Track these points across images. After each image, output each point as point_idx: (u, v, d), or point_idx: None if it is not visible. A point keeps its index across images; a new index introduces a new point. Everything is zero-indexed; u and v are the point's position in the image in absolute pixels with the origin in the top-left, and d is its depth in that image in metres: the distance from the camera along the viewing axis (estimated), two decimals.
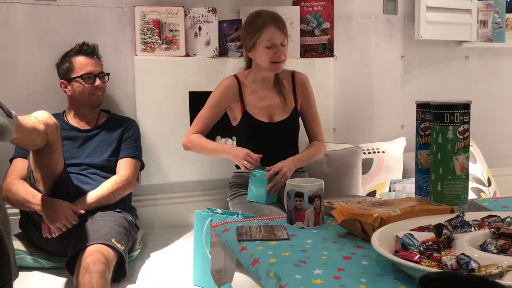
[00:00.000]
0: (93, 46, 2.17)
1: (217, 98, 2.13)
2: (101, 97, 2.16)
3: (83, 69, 2.09)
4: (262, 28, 2.01)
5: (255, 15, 2.08)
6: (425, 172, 1.26)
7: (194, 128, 2.13)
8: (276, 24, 2.02)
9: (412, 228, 1.02)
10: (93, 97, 2.11)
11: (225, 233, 1.17)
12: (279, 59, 2.04)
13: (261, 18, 2.04)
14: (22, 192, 1.81)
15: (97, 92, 2.12)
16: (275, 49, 2.02)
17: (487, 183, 2.68)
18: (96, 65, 2.14)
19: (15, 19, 2.18)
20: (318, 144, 2.20)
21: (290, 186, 1.20)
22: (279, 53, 2.03)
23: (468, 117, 1.17)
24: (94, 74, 2.11)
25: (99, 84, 2.12)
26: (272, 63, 2.05)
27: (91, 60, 2.13)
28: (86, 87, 2.09)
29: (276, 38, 2.01)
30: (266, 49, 2.02)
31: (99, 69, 2.15)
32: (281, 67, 2.08)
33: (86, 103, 2.12)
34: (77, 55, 2.12)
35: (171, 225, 2.40)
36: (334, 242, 1.07)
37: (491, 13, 3.02)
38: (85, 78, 2.09)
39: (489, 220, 1.06)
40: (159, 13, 2.29)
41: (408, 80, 2.88)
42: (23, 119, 1.56)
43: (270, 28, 2.01)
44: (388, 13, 2.80)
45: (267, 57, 2.04)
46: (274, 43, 2.02)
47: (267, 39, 2.01)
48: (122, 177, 2.03)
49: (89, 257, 1.65)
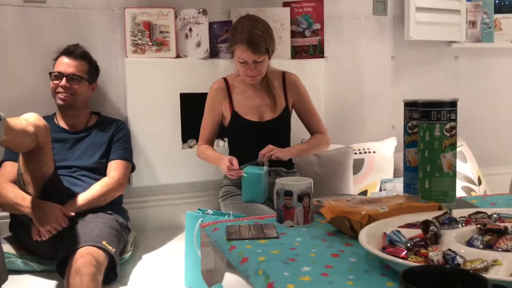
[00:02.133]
0: (75, 47, 2.13)
1: (210, 103, 2.16)
2: (68, 99, 2.07)
3: (57, 67, 2.09)
4: (235, 44, 2.01)
5: (235, 26, 2.06)
6: (413, 170, 1.27)
7: (202, 138, 2.19)
8: (249, 46, 1.97)
9: (400, 225, 1.02)
10: (57, 96, 2.08)
11: (215, 232, 1.17)
12: (249, 75, 2.05)
13: (238, 33, 2.00)
14: (12, 195, 1.80)
15: (62, 93, 2.06)
16: (247, 65, 2.03)
17: (477, 182, 2.69)
18: (70, 66, 2.08)
19: (4, 21, 2.17)
20: (319, 136, 2.21)
21: (280, 185, 1.20)
22: (250, 71, 2.04)
23: (455, 114, 1.18)
24: (63, 74, 2.07)
25: (63, 84, 2.06)
26: (245, 76, 2.07)
27: (68, 61, 2.09)
28: (53, 85, 2.08)
29: (246, 57, 2.00)
30: (239, 63, 2.05)
31: (72, 70, 2.08)
32: (254, 80, 2.09)
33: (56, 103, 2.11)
34: (62, 55, 2.11)
35: (162, 227, 2.40)
36: (323, 239, 1.08)
37: (479, 13, 3.04)
38: (54, 77, 2.08)
39: (476, 216, 1.07)
40: (150, 15, 2.29)
41: (399, 80, 2.89)
42: (13, 121, 1.55)
43: (242, 46, 1.99)
44: (378, 14, 2.81)
45: (240, 70, 2.08)
46: (245, 60, 2.02)
47: (238, 56, 2.02)
48: (113, 179, 2.03)
49: (79, 259, 1.64)
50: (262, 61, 2.03)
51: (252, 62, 2.01)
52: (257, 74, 2.06)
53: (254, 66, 2.02)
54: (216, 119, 2.17)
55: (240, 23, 2.04)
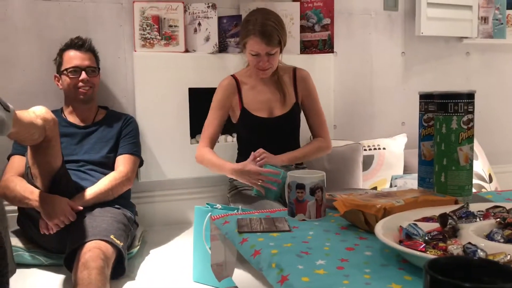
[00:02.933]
0: (84, 39, 2.13)
1: (219, 100, 2.11)
2: (89, 92, 2.09)
3: (70, 62, 2.07)
4: (248, 36, 1.99)
5: (247, 18, 2.04)
6: (428, 163, 1.25)
7: (205, 136, 2.09)
8: (262, 37, 1.95)
9: (416, 219, 1.00)
10: (78, 92, 2.07)
11: (225, 225, 1.15)
12: (262, 67, 2.03)
13: (251, 25, 1.98)
14: (20, 188, 1.79)
15: (84, 87, 2.07)
16: (259, 58, 2.01)
17: (488, 180, 2.66)
18: (84, 58, 2.09)
19: (14, 14, 2.17)
20: (318, 141, 2.15)
21: (292, 178, 1.18)
22: (262, 63, 2.01)
23: (472, 107, 1.15)
24: (80, 67, 2.07)
25: (84, 78, 2.07)
26: (257, 70, 2.04)
27: (79, 54, 2.09)
28: (71, 80, 2.06)
29: (259, 49, 1.98)
30: (251, 55, 2.02)
31: (88, 63, 2.10)
32: (266, 74, 2.06)
33: (74, 98, 2.09)
34: (68, 49, 2.10)
35: (170, 222, 2.38)
36: (336, 233, 1.05)
37: (491, 9, 3.00)
38: (71, 72, 2.06)
39: (494, 210, 1.04)
40: (159, 9, 2.28)
41: (409, 76, 2.86)
42: (21, 114, 1.54)
43: (255, 38, 1.97)
44: (388, 9, 2.78)
45: (252, 63, 2.04)
46: (258, 52, 2.00)
47: (250, 48, 2.00)
48: (121, 174, 2.02)
49: (87, 253, 1.63)
50: (274, 54, 2.02)
51: (264, 54, 1.99)
52: (269, 67, 2.04)
53: (267, 59, 2.00)
54: (223, 117, 2.12)
55: (253, 15, 2.02)
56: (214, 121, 2.10)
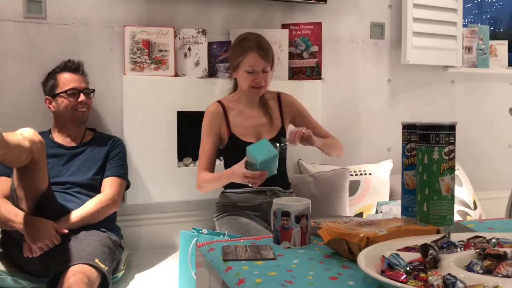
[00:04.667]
0: (78, 62, 2.17)
1: (208, 126, 2.12)
2: (86, 114, 2.14)
3: (68, 84, 2.09)
4: (245, 52, 2.03)
5: (242, 37, 2.11)
6: (411, 192, 1.27)
7: (202, 165, 2.11)
8: (259, 51, 2.03)
9: (399, 248, 1.01)
10: (77, 114, 2.10)
11: (211, 252, 1.15)
12: (258, 85, 2.06)
13: (246, 42, 2.06)
14: (5, 210, 1.78)
15: (81, 108, 2.11)
16: (255, 75, 2.04)
17: (473, 207, 2.69)
18: (80, 81, 2.14)
19: (5, 36, 2.18)
20: (335, 138, 2.22)
21: (277, 205, 1.19)
22: (258, 79, 2.05)
23: (453, 138, 1.18)
24: (78, 89, 2.10)
25: (83, 100, 2.10)
26: (251, 88, 2.07)
27: (76, 76, 2.13)
28: (70, 102, 2.08)
29: (257, 65, 2.03)
30: (246, 73, 2.05)
31: (84, 85, 2.15)
32: (260, 92, 2.11)
33: (70, 119, 2.11)
34: (62, 72, 2.12)
35: (156, 245, 2.37)
36: (320, 262, 1.06)
37: (475, 39, 3.09)
38: (70, 94, 2.08)
39: (475, 241, 1.06)
40: (149, 33, 2.31)
41: (395, 103, 2.91)
42: (8, 136, 1.54)
43: (252, 54, 2.03)
44: (375, 37, 2.85)
45: (247, 81, 2.06)
46: (254, 69, 2.04)
47: (248, 64, 2.03)
48: (107, 196, 2.01)
49: (71, 277, 1.62)
50: (267, 72, 2.07)
51: (261, 70, 2.04)
52: (263, 85, 2.07)
53: (262, 76, 2.04)
54: (216, 142, 2.13)
55: (245, 36, 2.10)
56: (207, 149, 2.11)
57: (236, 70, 2.09)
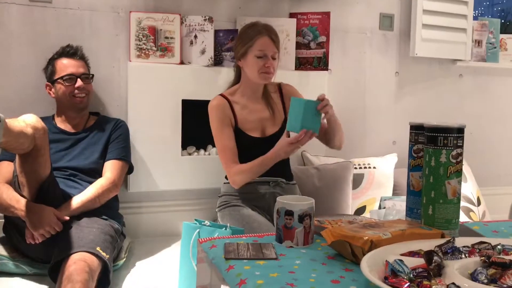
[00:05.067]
0: (76, 47, 2.14)
1: (219, 119, 2.06)
2: (85, 99, 2.10)
3: (65, 70, 2.07)
4: (255, 37, 2.02)
5: (250, 25, 2.09)
6: (416, 194, 1.25)
7: (229, 161, 2.02)
8: (269, 35, 2.03)
9: (402, 253, 1.00)
10: (75, 99, 2.07)
11: (212, 249, 1.15)
12: (268, 70, 2.03)
13: (256, 28, 2.05)
14: (6, 196, 1.78)
15: (79, 94, 2.07)
16: (266, 59, 2.02)
17: (476, 203, 2.68)
18: (78, 66, 2.10)
19: (9, 20, 2.15)
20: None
21: (281, 204, 1.18)
22: (269, 64, 2.02)
23: (461, 141, 1.16)
24: (75, 75, 2.07)
25: (81, 85, 2.07)
26: (261, 73, 2.03)
27: (73, 61, 2.10)
28: (67, 88, 2.06)
29: (268, 49, 2.02)
30: (256, 58, 2.02)
31: (82, 70, 2.11)
32: (269, 78, 2.07)
33: (69, 105, 2.09)
34: (60, 57, 2.10)
35: (158, 233, 2.37)
36: (323, 263, 1.05)
37: (485, 33, 3.04)
38: (66, 79, 2.06)
39: (480, 247, 1.05)
40: (155, 20, 2.28)
41: (402, 96, 2.88)
42: (11, 123, 1.53)
43: (263, 38, 2.02)
44: (384, 29, 2.80)
45: (256, 67, 2.03)
46: (265, 53, 2.02)
47: (258, 48, 2.01)
48: (108, 180, 2.00)
49: (72, 265, 1.62)
50: (275, 59, 2.06)
51: (271, 56, 2.02)
52: (272, 72, 2.05)
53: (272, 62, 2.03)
54: (232, 133, 2.06)
55: (254, 23, 2.09)
56: (227, 142, 2.04)
57: (244, 57, 2.05)
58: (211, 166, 2.34)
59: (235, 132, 2.08)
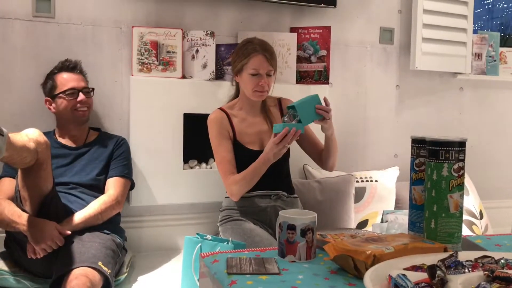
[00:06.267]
0: (75, 61, 2.15)
1: (218, 132, 2.08)
2: (86, 113, 2.12)
3: (66, 84, 2.08)
4: (250, 55, 2.02)
5: (247, 41, 2.10)
6: (418, 208, 1.25)
7: (226, 173, 2.03)
8: (264, 53, 2.02)
9: (405, 267, 1.00)
10: (77, 113, 2.08)
11: (215, 264, 1.14)
12: (262, 89, 2.04)
13: (251, 45, 2.05)
14: (8, 212, 1.77)
15: (81, 108, 2.08)
16: (259, 78, 2.03)
17: (479, 216, 2.67)
18: (79, 80, 2.11)
19: (13, 35, 2.17)
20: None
21: (283, 218, 1.18)
22: (262, 83, 2.03)
23: (463, 154, 1.16)
24: (77, 89, 2.08)
25: (83, 99, 2.08)
26: (255, 91, 2.05)
27: (74, 75, 2.11)
28: (69, 102, 2.07)
29: (262, 67, 2.02)
30: (250, 76, 2.03)
31: (83, 84, 2.12)
32: (263, 96, 2.08)
33: (71, 119, 2.10)
34: (60, 72, 2.10)
35: (159, 248, 2.36)
36: (325, 278, 1.05)
37: (485, 46, 3.06)
38: (68, 94, 2.07)
39: (483, 261, 1.04)
40: (157, 35, 2.30)
41: (403, 109, 2.89)
42: (14, 137, 1.54)
43: (257, 56, 2.02)
44: (384, 42, 2.82)
45: (251, 85, 2.04)
46: (259, 72, 2.02)
47: (252, 67, 2.02)
48: (111, 197, 2.00)
49: (74, 280, 1.61)
50: (271, 76, 2.06)
51: (265, 74, 2.03)
52: (267, 90, 2.06)
53: (266, 79, 2.03)
54: (230, 145, 2.08)
55: (249, 40, 2.09)
56: (225, 154, 2.05)
57: (240, 73, 2.07)
58: (213, 180, 2.34)
59: (234, 145, 2.09)
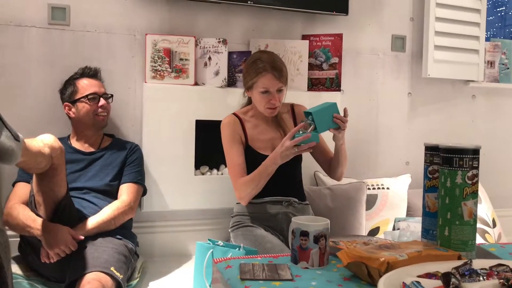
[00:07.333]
0: (95, 69, 2.20)
1: (230, 136, 2.09)
2: (106, 118, 2.16)
3: (88, 89, 2.12)
4: (259, 73, 2.02)
5: (256, 57, 2.08)
6: (432, 215, 1.25)
7: (236, 176, 2.04)
8: (273, 72, 2.00)
9: (419, 275, 1.00)
10: (97, 118, 2.12)
11: (228, 270, 1.15)
12: (273, 106, 2.05)
13: (261, 63, 2.03)
14: (23, 216, 1.80)
15: (102, 113, 2.13)
16: (270, 95, 2.03)
17: (492, 224, 2.65)
18: (99, 86, 2.17)
19: (29, 42, 2.21)
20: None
21: (296, 224, 1.18)
22: (273, 100, 2.04)
23: (477, 162, 1.16)
24: (98, 94, 2.13)
25: (104, 104, 2.13)
26: (266, 109, 2.06)
27: (94, 81, 2.16)
28: (91, 107, 2.10)
29: (271, 86, 2.02)
30: (261, 94, 2.04)
31: (103, 90, 2.18)
32: (274, 112, 2.09)
33: (91, 124, 2.13)
34: (81, 78, 2.15)
35: (171, 253, 2.37)
36: (339, 285, 1.05)
37: (498, 54, 3.04)
38: (90, 98, 2.11)
39: (498, 269, 1.03)
40: (170, 42, 2.32)
41: (414, 117, 2.88)
42: (29, 143, 1.56)
43: (266, 75, 2.01)
44: (396, 50, 2.83)
45: (261, 102, 2.06)
46: (269, 90, 2.03)
47: (262, 86, 2.02)
48: (124, 203, 2.02)
49: (86, 285, 1.63)
50: (282, 91, 2.06)
51: (275, 91, 2.03)
52: (278, 105, 2.07)
53: (277, 96, 2.04)
54: (242, 150, 2.09)
55: (258, 56, 2.07)
56: (236, 158, 2.06)
57: (250, 90, 2.09)
58: (224, 186, 2.34)
59: (246, 150, 2.10)
